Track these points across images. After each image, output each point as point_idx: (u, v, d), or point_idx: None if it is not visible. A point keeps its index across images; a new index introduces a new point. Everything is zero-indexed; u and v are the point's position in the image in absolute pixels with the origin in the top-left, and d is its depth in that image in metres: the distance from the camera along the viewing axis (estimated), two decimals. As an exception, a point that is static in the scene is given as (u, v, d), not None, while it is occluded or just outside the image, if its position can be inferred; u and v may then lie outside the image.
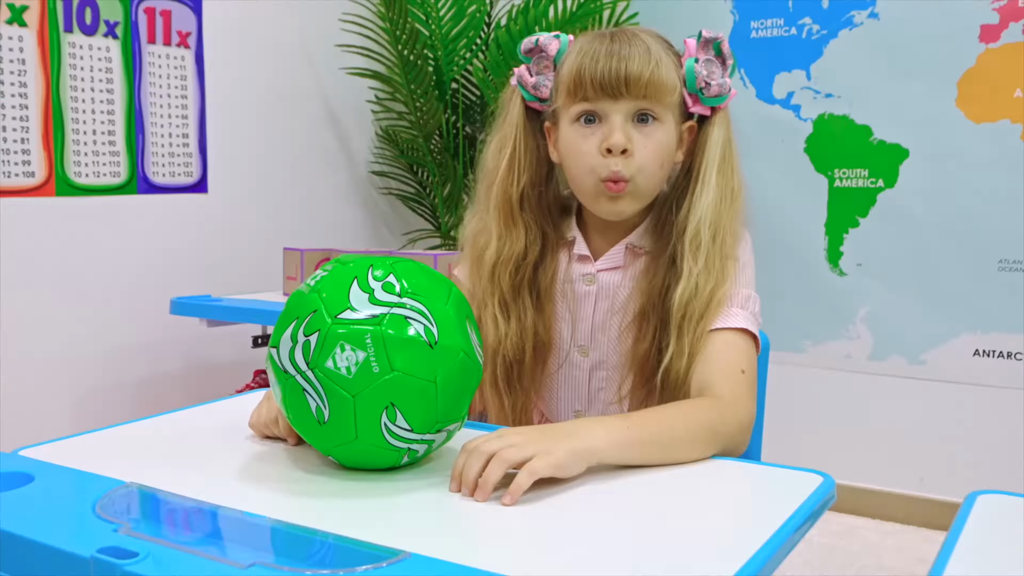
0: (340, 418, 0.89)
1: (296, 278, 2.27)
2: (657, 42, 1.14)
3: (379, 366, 0.87)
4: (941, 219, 2.60)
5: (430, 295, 0.93)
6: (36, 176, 2.28)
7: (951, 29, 2.54)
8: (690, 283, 1.11)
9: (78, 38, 2.33)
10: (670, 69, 1.12)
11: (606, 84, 1.10)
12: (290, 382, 0.90)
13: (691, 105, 1.15)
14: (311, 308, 0.91)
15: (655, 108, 1.12)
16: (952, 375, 2.64)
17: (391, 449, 0.91)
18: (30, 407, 2.31)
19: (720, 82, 1.14)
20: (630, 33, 1.14)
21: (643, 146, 1.11)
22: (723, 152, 1.15)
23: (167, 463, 0.98)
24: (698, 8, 2.91)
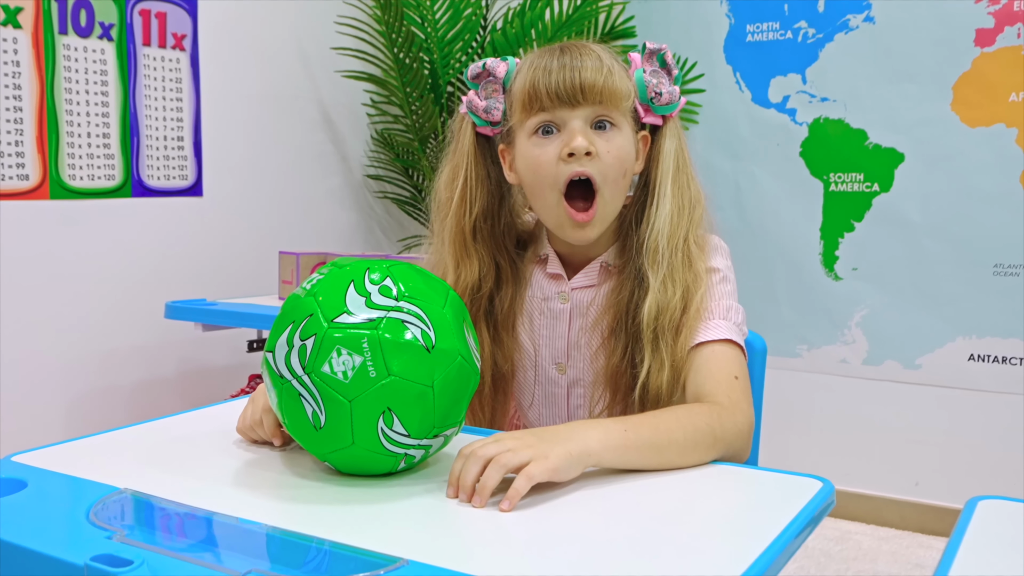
0: (336, 423, 0.88)
1: (292, 282, 2.26)
2: (607, 53, 1.14)
3: (376, 370, 0.87)
4: (936, 223, 2.61)
5: (427, 299, 0.92)
6: (30, 179, 2.27)
7: (946, 33, 2.54)
8: (656, 296, 1.10)
9: (73, 40, 2.32)
10: (623, 77, 1.13)
11: (562, 93, 1.09)
12: (286, 387, 0.90)
13: (643, 115, 1.16)
14: (307, 312, 0.90)
15: (612, 114, 1.12)
16: (947, 380, 2.64)
17: (388, 454, 0.90)
18: (24, 411, 2.29)
19: (669, 90, 1.14)
20: (579, 45, 1.13)
21: (605, 150, 1.11)
22: (677, 162, 1.15)
23: (161, 469, 0.97)
24: (693, 12, 2.91)
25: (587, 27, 2.89)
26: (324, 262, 2.25)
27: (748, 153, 2.87)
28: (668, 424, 0.98)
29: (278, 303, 2.26)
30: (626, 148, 1.13)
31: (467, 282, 1.19)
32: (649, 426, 0.97)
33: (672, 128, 1.17)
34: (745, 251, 2.85)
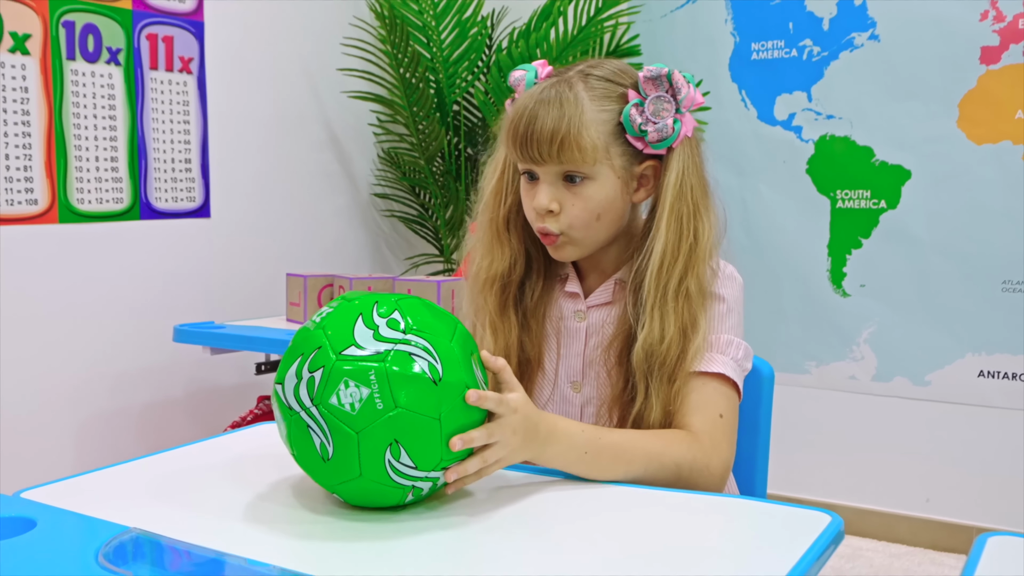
0: (344, 455, 0.88)
1: (299, 304, 2.26)
2: (595, 91, 1.12)
3: (383, 403, 0.87)
4: (944, 240, 2.60)
5: (435, 332, 0.92)
6: (39, 203, 2.28)
7: (951, 50, 2.54)
8: (645, 336, 1.10)
9: (80, 65, 2.34)
10: (592, 126, 1.10)
11: (525, 150, 1.12)
12: (294, 418, 0.90)
13: (642, 148, 1.14)
14: (316, 344, 0.90)
15: (581, 168, 1.11)
16: (957, 396, 2.63)
17: (395, 486, 0.90)
18: (34, 433, 2.30)
19: (660, 126, 1.12)
20: (565, 84, 1.12)
21: (571, 204, 1.12)
22: (677, 191, 1.13)
23: (171, 504, 0.97)
24: (698, 30, 2.92)
25: (592, 46, 2.90)
26: (331, 284, 2.25)
27: (754, 170, 2.87)
28: (644, 447, 1.04)
29: (286, 325, 2.26)
30: (598, 197, 1.13)
31: (498, 269, 1.21)
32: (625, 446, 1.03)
33: (676, 157, 1.14)
34: (753, 268, 2.85)
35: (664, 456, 1.04)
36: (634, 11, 2.92)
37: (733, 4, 2.86)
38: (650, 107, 1.12)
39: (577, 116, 1.10)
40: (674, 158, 1.14)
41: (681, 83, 1.12)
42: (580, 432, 1.02)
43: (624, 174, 1.14)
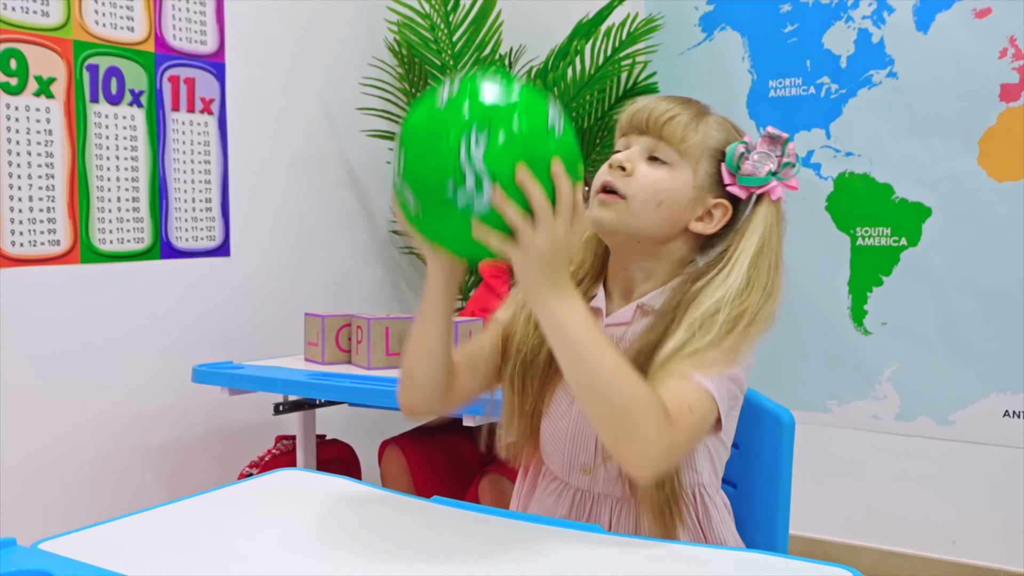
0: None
1: (317, 344, 2.26)
2: (716, 118, 1.20)
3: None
4: (966, 278, 2.58)
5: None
6: (61, 244, 2.30)
7: (970, 88, 2.53)
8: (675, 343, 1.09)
9: (104, 108, 2.37)
10: (702, 130, 1.17)
11: (635, 119, 1.19)
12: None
13: (729, 182, 1.17)
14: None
15: (667, 152, 1.16)
16: (982, 436, 2.59)
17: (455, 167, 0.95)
18: (52, 471, 2.31)
19: (757, 167, 1.16)
20: (693, 103, 1.21)
21: (644, 174, 1.16)
22: (761, 243, 1.15)
23: (188, 558, 0.96)
24: (715, 68, 2.92)
25: (609, 85, 2.91)
26: (349, 325, 2.25)
27: (773, 207, 2.85)
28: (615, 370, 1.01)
29: (304, 365, 2.26)
30: (668, 184, 1.16)
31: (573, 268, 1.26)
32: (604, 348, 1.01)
33: (767, 211, 1.17)
34: (772, 306, 2.83)
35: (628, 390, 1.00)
36: (651, 50, 2.94)
37: (750, 42, 2.87)
38: (755, 155, 1.17)
39: (697, 116, 1.18)
40: (758, 211, 1.17)
41: (791, 154, 1.18)
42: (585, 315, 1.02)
43: (699, 191, 1.18)
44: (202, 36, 2.58)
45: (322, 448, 2.49)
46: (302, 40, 2.89)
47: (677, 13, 2.97)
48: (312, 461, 2.33)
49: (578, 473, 1.22)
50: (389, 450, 2.34)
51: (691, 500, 1.18)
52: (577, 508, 1.22)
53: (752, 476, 1.31)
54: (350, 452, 2.62)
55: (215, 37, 2.62)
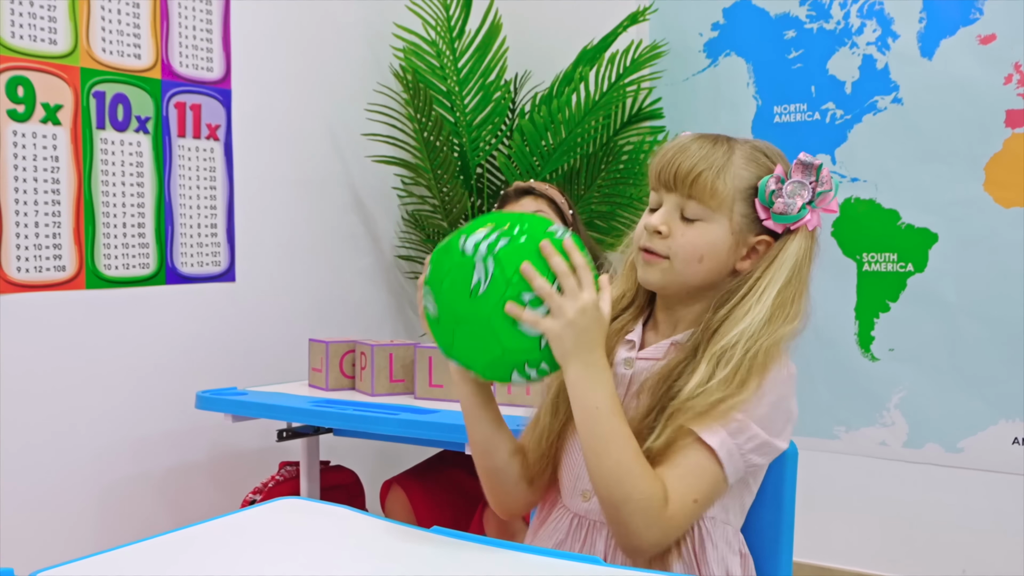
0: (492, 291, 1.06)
1: (321, 369, 2.26)
2: (745, 152, 1.18)
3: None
4: (973, 304, 2.56)
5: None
6: (67, 270, 2.30)
7: (976, 114, 2.53)
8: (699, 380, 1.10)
9: (110, 134, 2.38)
10: (730, 177, 1.16)
11: (662, 176, 1.18)
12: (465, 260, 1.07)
13: (764, 217, 1.17)
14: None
15: (698, 210, 1.16)
16: (991, 464, 2.57)
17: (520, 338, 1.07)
18: (56, 498, 2.30)
19: (788, 201, 1.15)
20: (723, 139, 1.19)
21: (681, 233, 1.17)
22: (790, 274, 1.16)
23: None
24: (720, 93, 2.93)
25: (615, 111, 2.91)
26: (353, 351, 2.25)
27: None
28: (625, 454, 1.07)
29: (308, 391, 2.26)
30: (706, 240, 1.16)
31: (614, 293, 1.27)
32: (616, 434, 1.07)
33: (799, 240, 1.17)
34: (778, 332, 2.82)
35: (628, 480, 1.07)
36: (656, 76, 2.95)
37: (755, 67, 2.88)
38: (789, 186, 1.16)
39: (721, 161, 1.16)
40: (792, 241, 1.17)
41: (827, 179, 1.18)
42: (608, 393, 1.09)
43: (739, 235, 1.17)
44: (208, 63, 2.60)
45: (326, 474, 2.48)
46: (308, 66, 2.91)
47: (682, 39, 2.99)
48: (316, 488, 2.32)
49: (578, 498, 1.23)
50: (392, 491, 2.33)
51: (691, 533, 1.17)
52: (573, 533, 1.22)
53: (755, 507, 1.29)
54: (354, 478, 2.61)
55: (221, 64, 2.64)
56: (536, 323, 1.06)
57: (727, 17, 2.92)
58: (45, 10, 2.24)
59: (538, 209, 2.14)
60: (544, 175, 2.87)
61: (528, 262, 1.06)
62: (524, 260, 1.06)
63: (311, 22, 2.91)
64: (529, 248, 1.07)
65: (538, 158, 2.82)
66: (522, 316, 1.05)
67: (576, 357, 1.07)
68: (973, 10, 2.53)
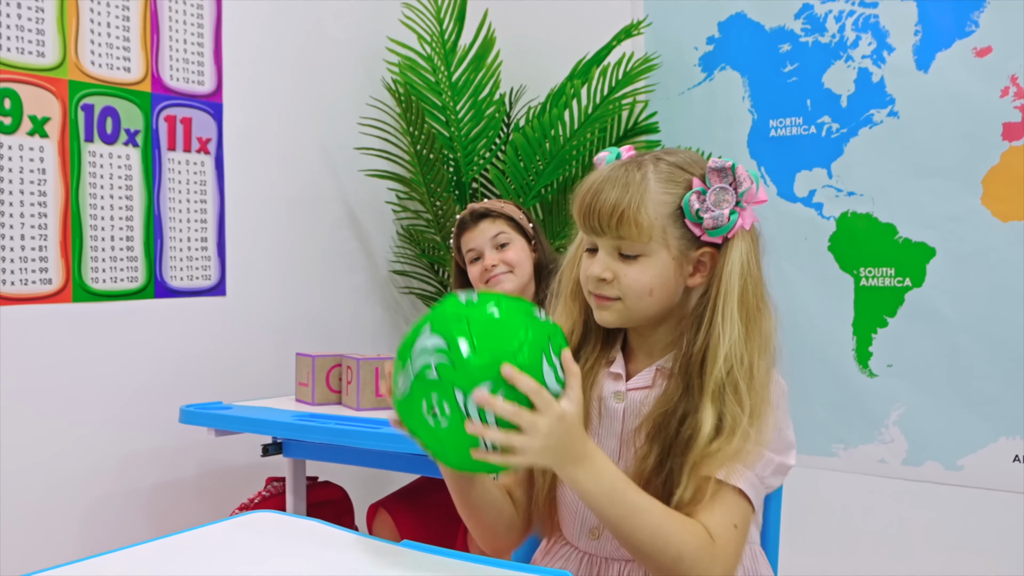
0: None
1: (307, 384, 2.23)
2: (660, 174, 1.15)
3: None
4: (972, 319, 2.52)
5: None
6: (53, 283, 2.29)
7: (973, 127, 2.50)
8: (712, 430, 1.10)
9: (98, 147, 2.37)
10: (651, 208, 1.14)
11: (587, 220, 1.17)
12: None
13: (699, 234, 1.16)
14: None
15: (635, 247, 1.14)
16: (992, 482, 2.52)
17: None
18: (40, 515, 2.27)
19: (716, 214, 1.14)
20: (634, 165, 1.16)
21: (625, 274, 1.15)
22: (743, 280, 1.15)
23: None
24: (716, 107, 2.91)
25: (609, 124, 2.90)
26: (340, 365, 2.22)
27: (775, 247, 2.78)
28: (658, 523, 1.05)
29: (294, 405, 2.23)
30: (650, 274, 1.15)
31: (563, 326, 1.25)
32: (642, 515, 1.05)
33: (735, 248, 1.16)
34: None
35: (672, 540, 1.05)
36: (649, 89, 2.93)
37: (750, 81, 2.86)
38: (711, 196, 1.15)
39: (639, 195, 1.13)
40: (732, 249, 1.16)
41: (744, 177, 1.15)
42: (611, 476, 1.06)
43: (680, 256, 1.16)
44: (199, 76, 2.59)
45: (314, 491, 2.44)
46: (300, 79, 2.90)
47: (677, 53, 2.97)
48: (302, 504, 2.29)
49: (587, 537, 1.23)
50: (379, 515, 2.30)
51: None
52: (584, 570, 1.22)
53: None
54: (343, 495, 2.58)
55: (212, 77, 2.63)
56: (510, 446, 1.00)
57: (722, 31, 2.90)
58: (33, 22, 2.24)
59: (498, 231, 2.13)
60: (538, 189, 2.85)
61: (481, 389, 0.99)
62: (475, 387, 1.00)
63: (304, 35, 2.91)
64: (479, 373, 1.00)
65: (532, 173, 2.80)
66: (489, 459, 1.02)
67: (568, 463, 1.04)
68: (969, 22, 2.50)
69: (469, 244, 2.19)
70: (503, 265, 2.13)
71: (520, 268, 2.13)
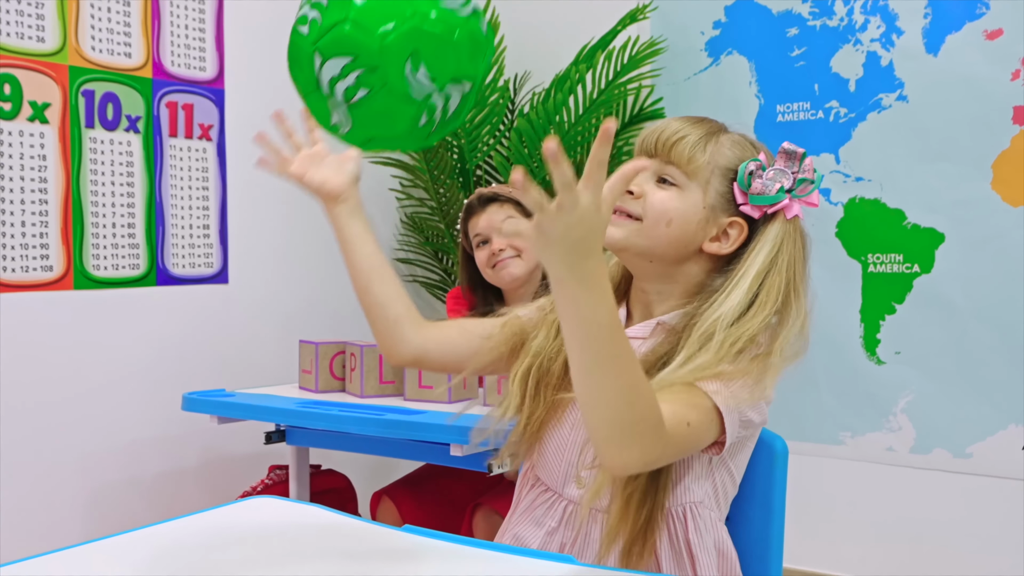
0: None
1: (311, 371, 2.21)
2: (733, 137, 1.18)
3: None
4: (981, 305, 2.50)
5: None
6: (54, 270, 2.27)
7: (983, 111, 2.47)
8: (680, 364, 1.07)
9: (99, 133, 2.35)
10: (711, 150, 1.15)
11: (646, 142, 1.18)
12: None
13: (741, 201, 1.15)
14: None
15: (675, 175, 1.15)
16: (1000, 470, 2.50)
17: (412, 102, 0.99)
18: (43, 503, 2.26)
19: (766, 183, 1.14)
20: (716, 123, 1.19)
21: (652, 193, 1.15)
22: (769, 263, 1.13)
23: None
24: (722, 92, 2.88)
25: (616, 110, 2.87)
26: (343, 352, 2.21)
27: (782, 234, 2.79)
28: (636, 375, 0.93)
29: (298, 393, 2.22)
30: (676, 204, 1.14)
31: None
32: (623, 347, 0.92)
33: (775, 228, 1.15)
34: (781, 335, 2.76)
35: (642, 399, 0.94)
36: (655, 74, 2.90)
37: (757, 66, 2.83)
38: (770, 172, 1.15)
39: (707, 137, 1.15)
40: (768, 229, 1.15)
41: (809, 170, 1.16)
42: (613, 307, 0.90)
43: (711, 210, 1.15)
44: (201, 62, 2.57)
45: (317, 479, 2.43)
46: (304, 67, 2.87)
47: (683, 38, 2.94)
48: (305, 492, 2.28)
49: (572, 485, 1.19)
50: (383, 503, 2.28)
51: (679, 518, 1.15)
52: (567, 521, 1.18)
53: (744, 508, 1.24)
54: (346, 483, 2.56)
55: (215, 63, 2.61)
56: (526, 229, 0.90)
57: (729, 15, 2.87)
58: (33, 7, 2.22)
59: (506, 216, 2.12)
60: (543, 176, 2.83)
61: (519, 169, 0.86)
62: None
63: (307, 22, 2.88)
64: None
65: (536, 159, 2.78)
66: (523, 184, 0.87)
67: (569, 271, 0.88)
68: (979, 5, 2.47)
69: (476, 228, 2.18)
70: (510, 249, 2.12)
71: (528, 252, 2.11)
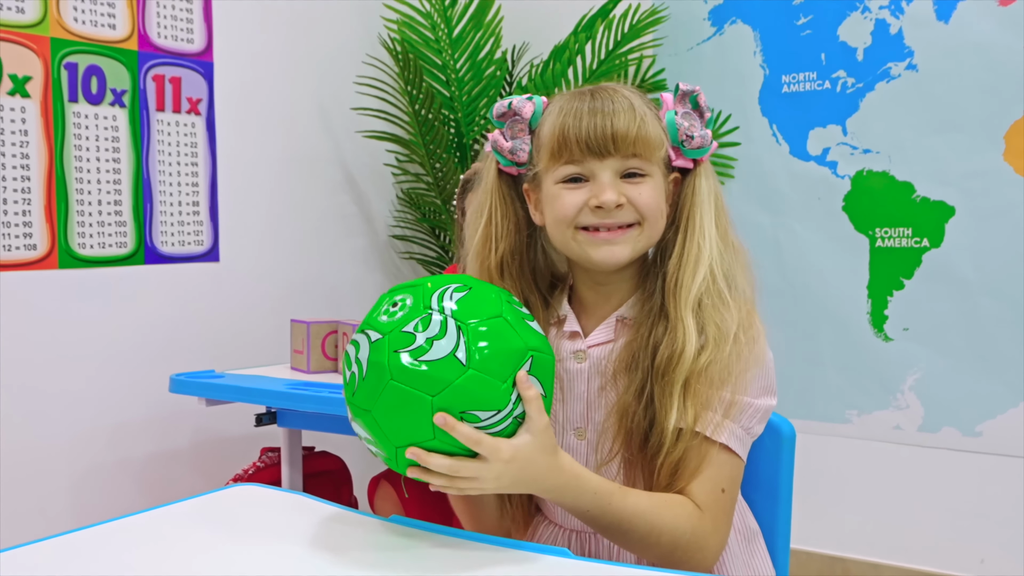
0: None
1: (302, 351, 2.16)
2: (638, 96, 1.08)
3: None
4: (992, 280, 2.43)
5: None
6: (38, 248, 2.21)
7: (995, 80, 2.39)
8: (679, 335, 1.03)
9: (83, 107, 2.28)
10: (655, 124, 1.06)
11: (592, 143, 1.04)
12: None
13: (674, 158, 1.09)
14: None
15: (644, 165, 1.06)
16: (1010, 448, 2.44)
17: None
18: (31, 486, 2.21)
19: (701, 134, 1.08)
20: (610, 89, 1.08)
21: (638, 194, 1.06)
22: (716, 203, 1.09)
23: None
24: (726, 62, 2.80)
25: (615, 81, 2.79)
26: (335, 331, 2.15)
27: (788, 208, 2.72)
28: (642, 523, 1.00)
29: (289, 374, 2.16)
30: (656, 195, 1.07)
31: None
32: (623, 518, 1.00)
33: (707, 170, 1.10)
34: (787, 311, 2.70)
35: (664, 531, 1.01)
36: (656, 44, 2.83)
37: (762, 35, 2.74)
38: (685, 122, 1.08)
39: (643, 109, 1.05)
40: (703, 170, 1.10)
41: (704, 104, 1.09)
42: (592, 490, 0.99)
43: (664, 182, 1.09)
44: (189, 34, 2.50)
45: (311, 460, 2.38)
46: (294, 38, 2.80)
47: (686, 7, 2.86)
48: (298, 475, 2.22)
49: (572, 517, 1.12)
50: (381, 487, 2.23)
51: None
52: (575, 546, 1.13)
53: (751, 491, 1.19)
54: (341, 465, 2.51)
55: (202, 35, 2.53)
56: (456, 480, 0.95)
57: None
58: (11, -24, 2.14)
59: None
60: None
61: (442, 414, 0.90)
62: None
63: (297, -8, 2.80)
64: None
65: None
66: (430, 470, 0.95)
67: (537, 491, 0.98)
68: (992, -31, 2.39)
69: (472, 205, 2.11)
70: None
71: None
